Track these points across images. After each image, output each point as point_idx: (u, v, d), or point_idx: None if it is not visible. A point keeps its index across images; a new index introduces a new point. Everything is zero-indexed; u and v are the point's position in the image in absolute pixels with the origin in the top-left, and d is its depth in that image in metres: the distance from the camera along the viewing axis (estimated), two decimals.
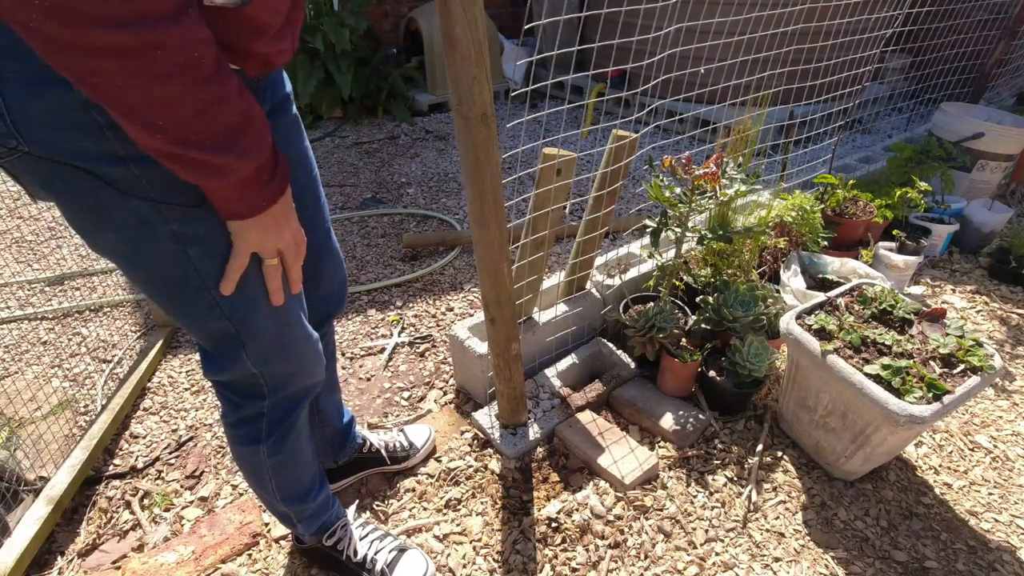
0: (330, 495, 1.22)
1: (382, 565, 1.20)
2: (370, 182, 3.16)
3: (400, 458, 1.48)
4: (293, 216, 0.77)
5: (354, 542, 1.22)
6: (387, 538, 1.26)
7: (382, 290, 2.26)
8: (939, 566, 1.29)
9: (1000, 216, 2.46)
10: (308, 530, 1.19)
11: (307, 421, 1.09)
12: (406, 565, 1.21)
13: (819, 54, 2.46)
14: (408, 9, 4.34)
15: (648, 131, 3.51)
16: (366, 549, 1.22)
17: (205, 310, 0.81)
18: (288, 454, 1.04)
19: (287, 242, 0.78)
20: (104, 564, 1.30)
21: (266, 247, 0.76)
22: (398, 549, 1.24)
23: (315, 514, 1.17)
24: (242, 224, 0.72)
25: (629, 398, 1.63)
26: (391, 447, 1.48)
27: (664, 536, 1.34)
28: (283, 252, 0.78)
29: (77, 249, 2.51)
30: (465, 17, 0.92)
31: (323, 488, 1.18)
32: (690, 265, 1.91)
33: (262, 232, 0.74)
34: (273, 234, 0.75)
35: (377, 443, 1.46)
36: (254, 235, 0.74)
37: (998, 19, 3.42)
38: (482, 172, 1.08)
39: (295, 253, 0.80)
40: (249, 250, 0.75)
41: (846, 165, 3.03)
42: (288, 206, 0.75)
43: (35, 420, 1.63)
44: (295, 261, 0.81)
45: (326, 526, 1.21)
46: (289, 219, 0.76)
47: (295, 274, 0.83)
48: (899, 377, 1.29)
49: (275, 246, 0.77)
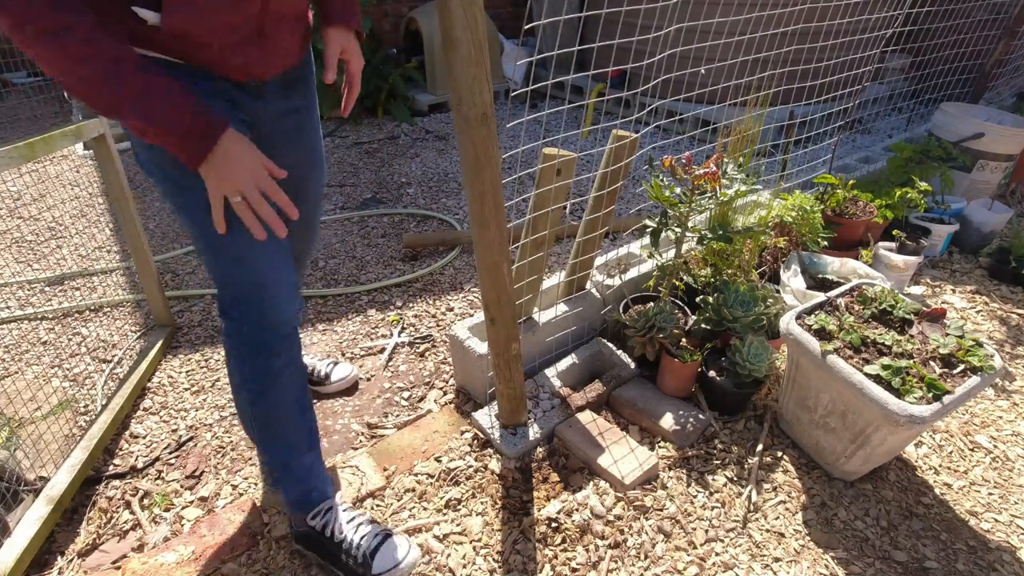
0: (321, 468, 1.28)
1: (364, 549, 1.20)
2: (370, 182, 3.16)
3: (315, 381, 1.74)
4: (242, 165, 0.93)
5: (339, 523, 1.23)
6: (373, 524, 1.26)
7: (382, 290, 2.26)
8: (939, 566, 1.29)
9: (1000, 216, 2.46)
10: (290, 493, 1.24)
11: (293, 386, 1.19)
12: (388, 549, 1.21)
13: (819, 54, 2.46)
14: (408, 9, 4.34)
15: (648, 131, 3.51)
16: (352, 533, 1.22)
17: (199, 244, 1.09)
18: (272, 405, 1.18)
19: (244, 184, 0.93)
20: (104, 564, 1.30)
21: (225, 189, 0.93)
22: (383, 534, 1.23)
23: (301, 478, 1.23)
24: (203, 173, 0.93)
25: (629, 398, 1.63)
26: (309, 370, 1.73)
27: (664, 536, 1.34)
28: (244, 193, 0.93)
29: (77, 249, 2.51)
30: (465, 17, 0.92)
31: (312, 450, 1.25)
32: (690, 265, 1.91)
33: (216, 177, 0.92)
34: (227, 179, 0.92)
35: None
36: (211, 179, 0.93)
37: (998, 19, 3.42)
38: (482, 172, 1.08)
39: (256, 195, 0.94)
40: (215, 191, 0.94)
41: (846, 165, 3.03)
42: (229, 157, 0.92)
43: (35, 420, 1.63)
44: (259, 202, 0.95)
45: (309, 502, 1.24)
46: (237, 167, 0.92)
47: (263, 211, 0.96)
48: (899, 377, 1.29)
49: (234, 188, 0.93)
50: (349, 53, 1.23)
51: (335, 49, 1.20)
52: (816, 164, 2.51)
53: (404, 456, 1.55)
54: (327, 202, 2.94)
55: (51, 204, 2.85)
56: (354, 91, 1.26)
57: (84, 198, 2.94)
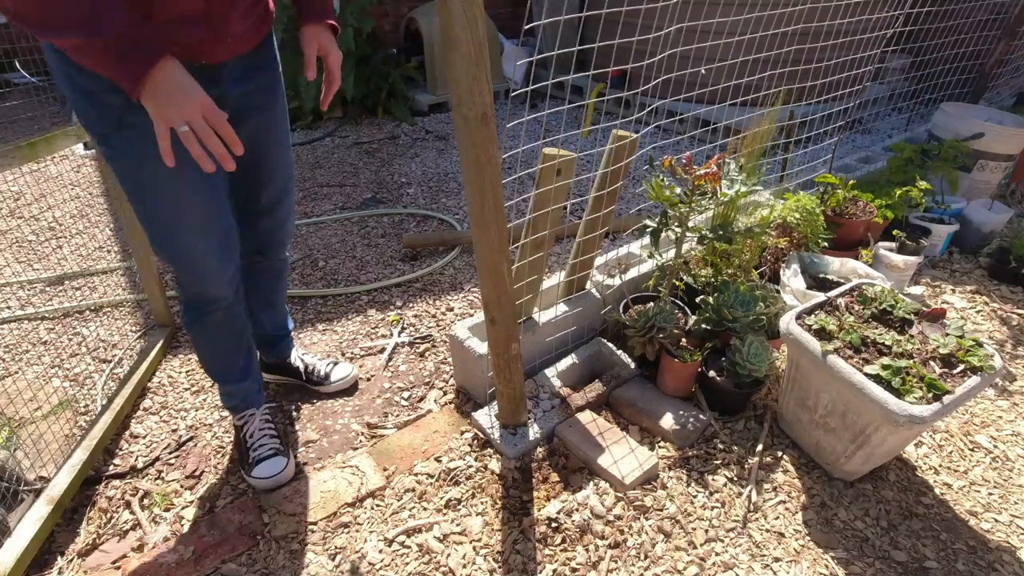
0: (251, 391, 1.52)
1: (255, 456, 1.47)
2: (370, 182, 3.16)
3: (314, 381, 1.74)
4: (188, 92, 0.90)
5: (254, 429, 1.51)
6: (276, 444, 1.50)
7: (382, 290, 2.26)
8: (939, 566, 1.29)
9: (1000, 216, 2.46)
10: (225, 403, 1.55)
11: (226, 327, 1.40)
12: (271, 464, 1.45)
13: (819, 54, 2.46)
14: (408, 9, 4.34)
15: (648, 131, 3.51)
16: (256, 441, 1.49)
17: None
18: (198, 338, 1.42)
19: (191, 113, 0.90)
20: (104, 564, 1.30)
21: (169, 118, 0.90)
22: (274, 451, 1.48)
23: (230, 396, 1.52)
24: (143, 100, 0.89)
25: (629, 398, 1.63)
26: (309, 369, 1.75)
27: (664, 536, 1.34)
28: (190, 121, 0.90)
29: (77, 249, 2.51)
30: (465, 17, 0.92)
31: (241, 383, 1.50)
32: (690, 265, 1.91)
33: (160, 105, 0.89)
34: (173, 106, 0.89)
35: (298, 362, 1.75)
36: (152, 106, 0.89)
37: (998, 19, 3.42)
38: (482, 172, 1.08)
39: (203, 124, 0.91)
40: (161, 122, 0.90)
41: (846, 165, 3.03)
42: (174, 82, 0.89)
43: (35, 420, 1.63)
44: (206, 132, 0.91)
45: (235, 408, 1.54)
46: (183, 94, 0.89)
47: (211, 142, 0.92)
48: (899, 377, 1.29)
49: (180, 115, 0.89)
50: (326, 48, 1.25)
51: (312, 46, 1.22)
52: (816, 164, 2.51)
53: (404, 456, 1.55)
54: (327, 202, 2.94)
55: (52, 204, 2.85)
56: (333, 85, 1.28)
57: (84, 198, 2.94)
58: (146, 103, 0.89)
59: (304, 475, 1.50)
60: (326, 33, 1.25)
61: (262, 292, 1.59)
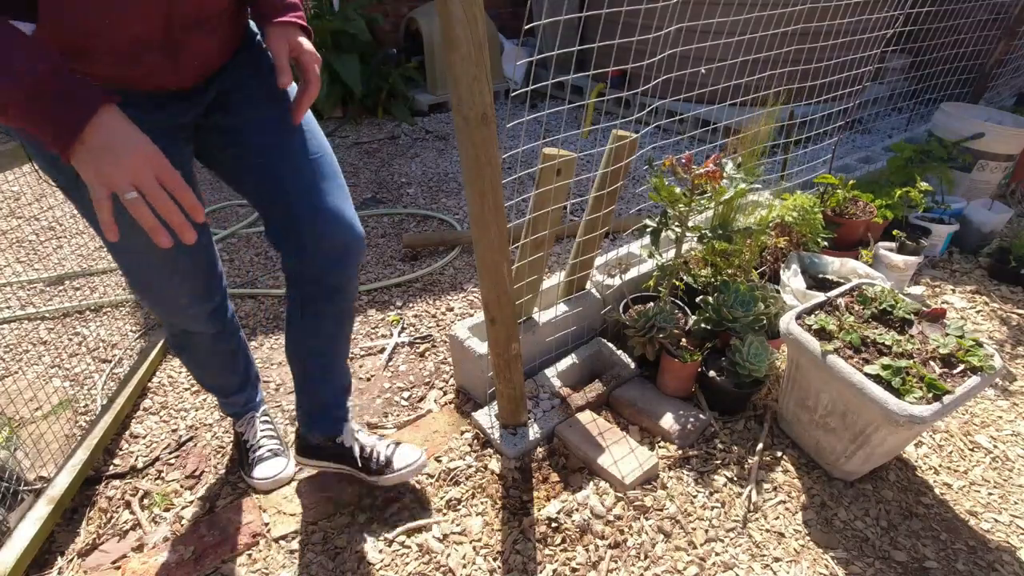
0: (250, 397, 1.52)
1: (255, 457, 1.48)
2: (370, 182, 3.16)
3: (372, 469, 1.38)
4: (132, 148, 0.74)
5: (255, 432, 1.51)
6: (277, 446, 1.51)
7: (382, 290, 2.26)
8: (939, 566, 1.29)
9: (1000, 216, 2.46)
10: (224, 410, 1.57)
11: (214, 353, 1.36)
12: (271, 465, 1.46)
13: (819, 54, 2.46)
14: (408, 9, 4.34)
15: (648, 131, 3.51)
16: (257, 441, 1.50)
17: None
18: (187, 362, 1.40)
19: (138, 174, 0.74)
20: (104, 564, 1.30)
21: (112, 182, 0.73)
22: (272, 454, 1.48)
23: (229, 405, 1.52)
24: (76, 160, 0.73)
25: (629, 398, 1.63)
26: (367, 453, 1.38)
27: (664, 536, 1.34)
28: (139, 185, 0.74)
29: (77, 249, 2.51)
30: (465, 17, 0.92)
31: (239, 394, 1.49)
32: (690, 265, 1.91)
33: (96, 167, 0.72)
34: (110, 167, 0.72)
35: (351, 442, 1.39)
36: (90, 171, 0.73)
37: (998, 19, 3.42)
38: (482, 172, 1.08)
39: (155, 187, 0.75)
40: (99, 188, 0.73)
41: (846, 165, 3.03)
42: (113, 138, 0.73)
43: (35, 420, 1.63)
44: (157, 197, 0.75)
45: (234, 414, 1.54)
46: (126, 151, 0.73)
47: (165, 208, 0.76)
48: (899, 377, 1.29)
49: (125, 180, 0.73)
50: (297, 48, 1.03)
51: (281, 46, 1.02)
52: (816, 164, 2.51)
53: None
54: None
55: (52, 204, 2.85)
56: (311, 90, 1.04)
57: None
58: (80, 166, 0.73)
59: (304, 475, 1.50)
60: (295, 31, 1.04)
61: (317, 343, 1.26)
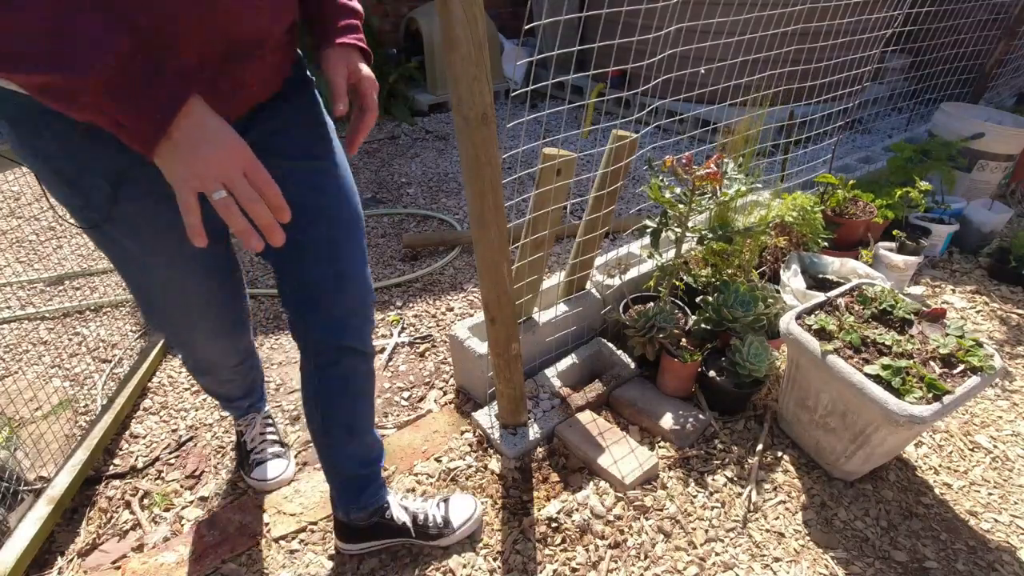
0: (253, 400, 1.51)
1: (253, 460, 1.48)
2: (370, 182, 3.16)
3: (431, 535, 1.28)
4: (219, 142, 0.67)
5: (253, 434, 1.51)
6: (279, 449, 1.52)
7: (382, 290, 2.26)
8: (939, 566, 1.29)
9: (1000, 216, 2.46)
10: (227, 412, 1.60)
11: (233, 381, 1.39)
12: (271, 467, 1.48)
13: (819, 54, 2.46)
14: (408, 9, 4.34)
15: (648, 131, 3.51)
16: (257, 445, 1.50)
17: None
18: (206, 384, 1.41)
19: (230, 169, 0.67)
20: (104, 564, 1.30)
21: (203, 182, 0.66)
22: (273, 456, 1.50)
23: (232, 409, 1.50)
24: (160, 158, 0.65)
25: (629, 398, 1.63)
26: (420, 520, 1.28)
27: (664, 536, 1.34)
28: (229, 183, 0.67)
29: (77, 249, 2.51)
30: (465, 17, 0.92)
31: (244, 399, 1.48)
32: (690, 265, 1.91)
33: (185, 164, 0.65)
34: (201, 165, 0.65)
35: (399, 512, 1.28)
36: (179, 169, 0.65)
37: (998, 19, 3.42)
38: (482, 172, 1.08)
39: (245, 184, 0.68)
40: (186, 189, 0.66)
41: (846, 165, 3.03)
42: (204, 130, 0.66)
43: (35, 420, 1.63)
44: (248, 197, 0.68)
45: (238, 416, 1.53)
46: (215, 146, 0.66)
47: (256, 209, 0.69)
48: (899, 377, 1.29)
49: (215, 175, 0.66)
50: (357, 73, 0.92)
51: (340, 70, 0.90)
52: (816, 164, 2.51)
53: (404, 456, 1.55)
54: None
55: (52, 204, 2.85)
56: (368, 118, 0.93)
57: None
58: (164, 163, 0.66)
59: (304, 475, 1.50)
60: (355, 55, 0.93)
61: (340, 412, 1.16)
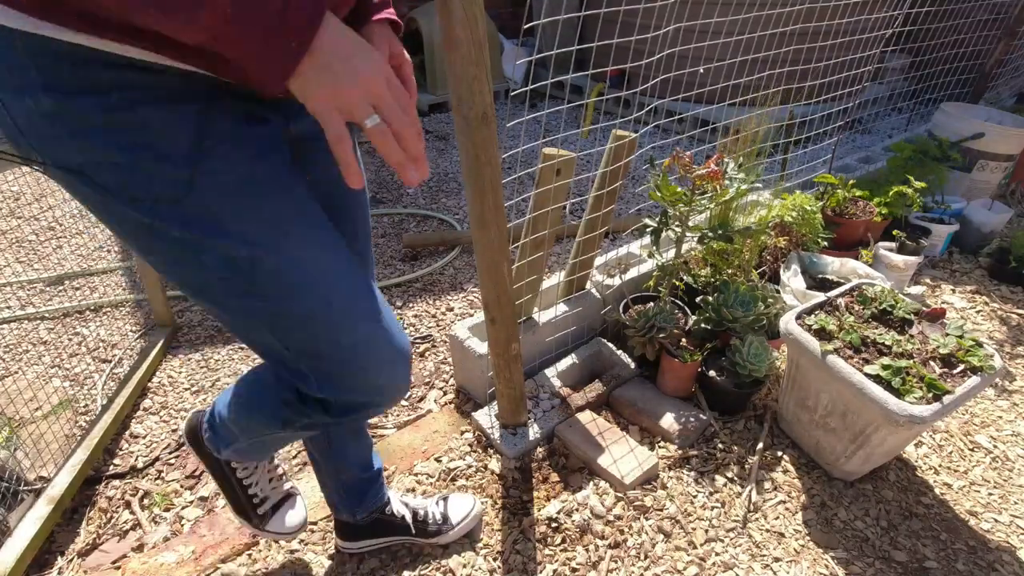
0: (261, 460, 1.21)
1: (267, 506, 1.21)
2: (370, 182, 3.16)
3: (430, 532, 1.29)
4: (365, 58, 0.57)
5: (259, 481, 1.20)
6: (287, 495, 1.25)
7: (382, 290, 2.26)
8: (939, 566, 1.29)
9: (1000, 216, 2.46)
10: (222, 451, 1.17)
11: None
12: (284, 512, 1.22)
13: (819, 54, 2.46)
14: (408, 9, 4.34)
15: (648, 131, 3.51)
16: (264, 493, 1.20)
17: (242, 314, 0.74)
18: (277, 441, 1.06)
19: (379, 90, 0.57)
20: (104, 564, 1.30)
21: (352, 106, 0.57)
22: (285, 496, 1.25)
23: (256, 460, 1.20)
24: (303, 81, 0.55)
25: (629, 398, 1.63)
26: (420, 516, 1.30)
27: (664, 536, 1.34)
28: (380, 108, 0.58)
29: (77, 249, 2.51)
30: (465, 17, 0.92)
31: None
32: (690, 265, 1.91)
33: (333, 87, 0.55)
34: (348, 87, 0.56)
35: (400, 507, 1.29)
36: (325, 94, 0.56)
37: (998, 19, 3.42)
38: (482, 172, 1.09)
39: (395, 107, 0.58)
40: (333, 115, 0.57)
41: (846, 165, 3.03)
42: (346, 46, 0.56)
43: (35, 420, 1.63)
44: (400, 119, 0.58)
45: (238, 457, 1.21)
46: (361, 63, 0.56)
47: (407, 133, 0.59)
48: (899, 377, 1.29)
49: (365, 97, 0.57)
50: (398, 56, 0.79)
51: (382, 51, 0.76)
52: (816, 164, 2.51)
53: (404, 456, 1.55)
54: None
55: (52, 204, 2.85)
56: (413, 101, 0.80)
57: None
58: (308, 90, 0.56)
59: (304, 476, 1.50)
60: (390, 31, 0.79)
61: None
